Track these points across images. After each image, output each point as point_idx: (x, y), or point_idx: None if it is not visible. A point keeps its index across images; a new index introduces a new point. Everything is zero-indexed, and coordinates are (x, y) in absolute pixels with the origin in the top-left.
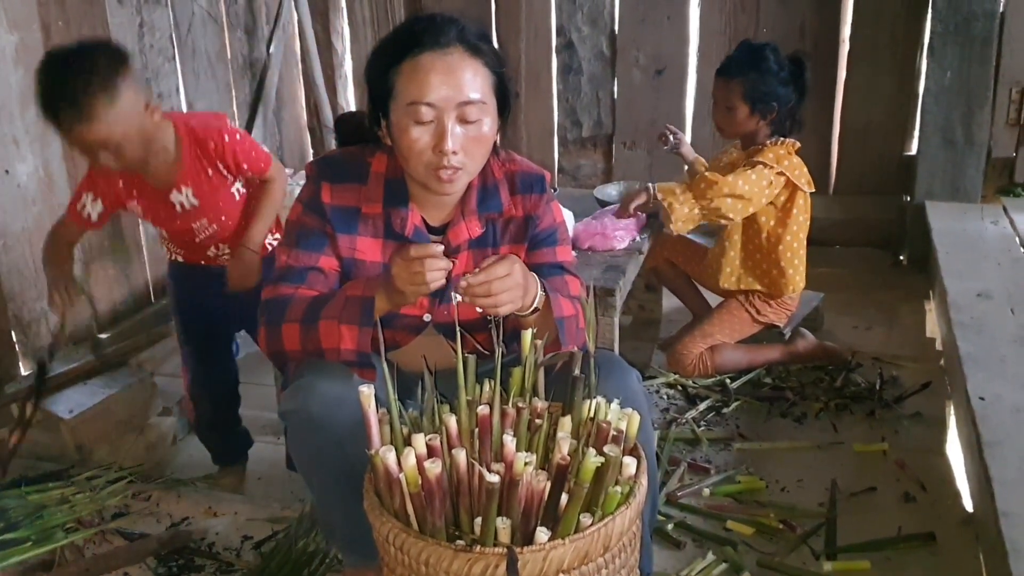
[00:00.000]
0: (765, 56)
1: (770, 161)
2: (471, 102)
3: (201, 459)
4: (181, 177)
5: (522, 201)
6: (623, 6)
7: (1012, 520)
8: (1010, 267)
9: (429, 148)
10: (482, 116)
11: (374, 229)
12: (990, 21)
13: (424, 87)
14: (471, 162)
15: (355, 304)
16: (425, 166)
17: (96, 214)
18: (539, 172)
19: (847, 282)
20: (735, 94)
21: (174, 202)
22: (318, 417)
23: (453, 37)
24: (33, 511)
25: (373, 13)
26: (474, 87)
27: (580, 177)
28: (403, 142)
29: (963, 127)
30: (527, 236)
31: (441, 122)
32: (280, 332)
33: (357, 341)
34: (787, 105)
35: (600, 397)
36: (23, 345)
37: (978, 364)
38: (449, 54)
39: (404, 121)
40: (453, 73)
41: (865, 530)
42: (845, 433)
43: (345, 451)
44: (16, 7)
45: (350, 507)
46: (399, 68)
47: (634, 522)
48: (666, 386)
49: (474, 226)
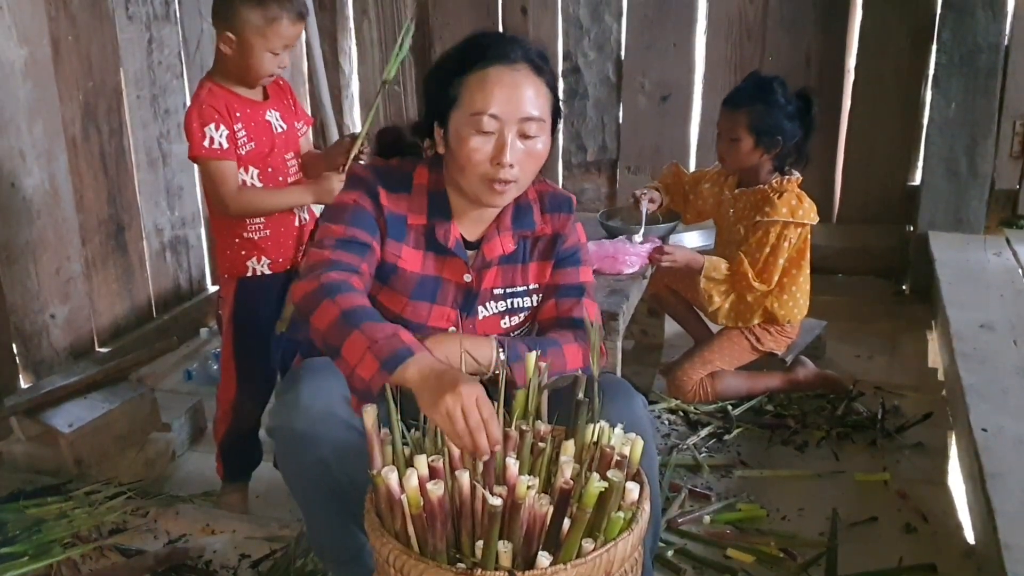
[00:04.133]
0: (773, 89)
1: (784, 216)
2: (532, 118)
3: (200, 476)
4: (271, 101)
5: (551, 220)
6: (630, 32)
7: (1015, 553)
8: (1013, 299)
9: (487, 159)
10: (540, 133)
11: (416, 240)
12: (995, 54)
13: (490, 99)
14: (524, 177)
15: (395, 344)
16: (481, 176)
17: (224, 140)
18: (567, 194)
19: (849, 311)
20: (740, 125)
21: (270, 120)
22: (302, 434)
23: (520, 55)
24: (31, 525)
25: (381, 34)
26: (536, 104)
27: (584, 201)
28: (462, 151)
29: (967, 158)
30: (554, 254)
31: (502, 135)
32: (323, 306)
33: (373, 377)
34: (792, 140)
35: (604, 421)
36: (24, 358)
37: (981, 395)
38: (517, 70)
39: (466, 131)
40: (518, 88)
41: (866, 560)
42: (846, 462)
43: (331, 469)
44: (26, 21)
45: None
46: (466, 79)
47: (636, 548)
48: (667, 412)
49: (508, 242)
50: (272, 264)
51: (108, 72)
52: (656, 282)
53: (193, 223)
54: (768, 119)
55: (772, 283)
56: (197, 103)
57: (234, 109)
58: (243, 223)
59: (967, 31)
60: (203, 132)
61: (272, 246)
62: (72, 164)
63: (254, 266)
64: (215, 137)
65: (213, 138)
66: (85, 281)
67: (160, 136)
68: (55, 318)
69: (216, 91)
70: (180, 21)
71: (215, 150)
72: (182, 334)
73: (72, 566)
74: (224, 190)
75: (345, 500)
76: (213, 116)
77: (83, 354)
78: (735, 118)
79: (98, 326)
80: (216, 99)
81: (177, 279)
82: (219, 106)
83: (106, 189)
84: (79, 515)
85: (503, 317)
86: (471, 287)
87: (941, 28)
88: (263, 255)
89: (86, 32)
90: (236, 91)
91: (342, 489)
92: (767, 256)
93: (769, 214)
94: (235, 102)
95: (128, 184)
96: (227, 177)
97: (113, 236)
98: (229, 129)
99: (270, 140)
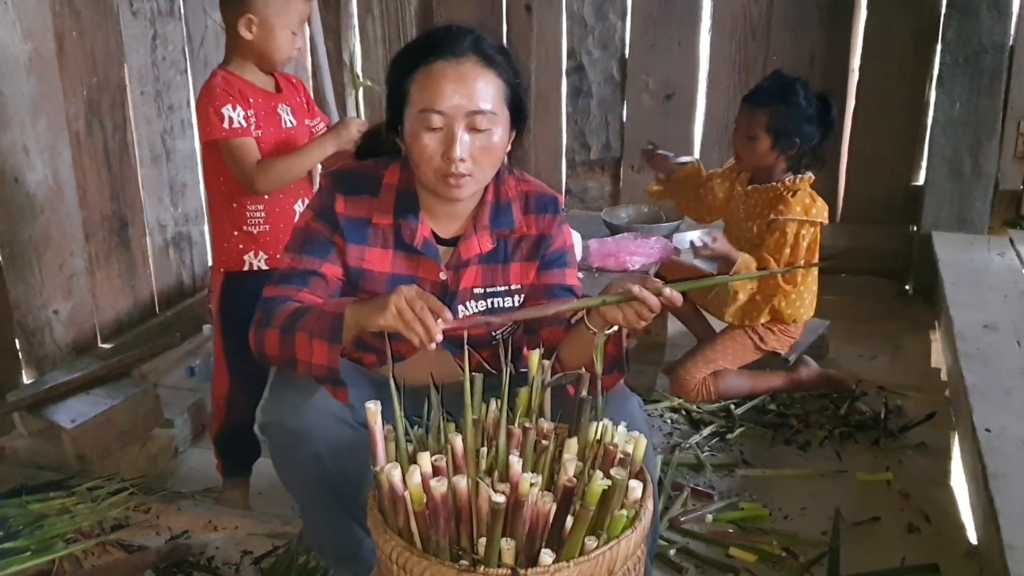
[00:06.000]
0: (795, 90)
1: (798, 215)
2: (481, 112)
3: (202, 472)
4: (283, 95)
5: (536, 220)
6: (634, 31)
7: (1018, 553)
8: (1016, 299)
9: (438, 154)
10: (492, 126)
11: (383, 240)
12: (999, 54)
13: (435, 95)
14: (479, 170)
15: (327, 320)
16: (435, 172)
17: (243, 120)
18: (552, 193)
19: (852, 311)
20: (759, 124)
21: (280, 114)
22: (294, 430)
23: (467, 47)
24: (33, 521)
25: (385, 31)
26: (485, 97)
27: (587, 200)
28: (415, 148)
29: (971, 158)
30: (539, 255)
31: (451, 130)
32: (265, 336)
33: (327, 356)
34: (809, 143)
35: (607, 419)
36: (27, 353)
37: (984, 396)
38: (462, 63)
39: (416, 128)
40: (464, 82)
41: (868, 560)
42: (849, 462)
43: (324, 464)
44: (31, 17)
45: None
46: (413, 75)
47: (639, 546)
48: (670, 410)
49: (485, 241)
50: (270, 259)
51: (112, 68)
52: None
53: (196, 219)
54: (788, 121)
55: (797, 282)
56: (210, 90)
57: (247, 95)
58: (243, 216)
59: (972, 31)
60: (221, 114)
61: (271, 241)
62: (76, 160)
63: (251, 260)
64: (233, 117)
65: (232, 118)
66: (88, 277)
67: (164, 132)
68: (58, 314)
69: (230, 79)
70: (184, 17)
71: (236, 129)
72: (184, 330)
73: (74, 561)
74: (248, 166)
75: (340, 495)
76: (228, 99)
77: (86, 350)
78: (755, 116)
79: (101, 322)
80: (230, 85)
81: (180, 275)
82: (233, 91)
83: (109, 185)
84: (81, 511)
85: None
86: (446, 285)
87: (946, 28)
88: (261, 250)
89: (90, 28)
90: (250, 80)
91: (336, 484)
92: (788, 256)
93: (783, 212)
94: (248, 89)
95: (131, 180)
96: (251, 153)
97: (116, 232)
98: (245, 111)
99: (278, 132)
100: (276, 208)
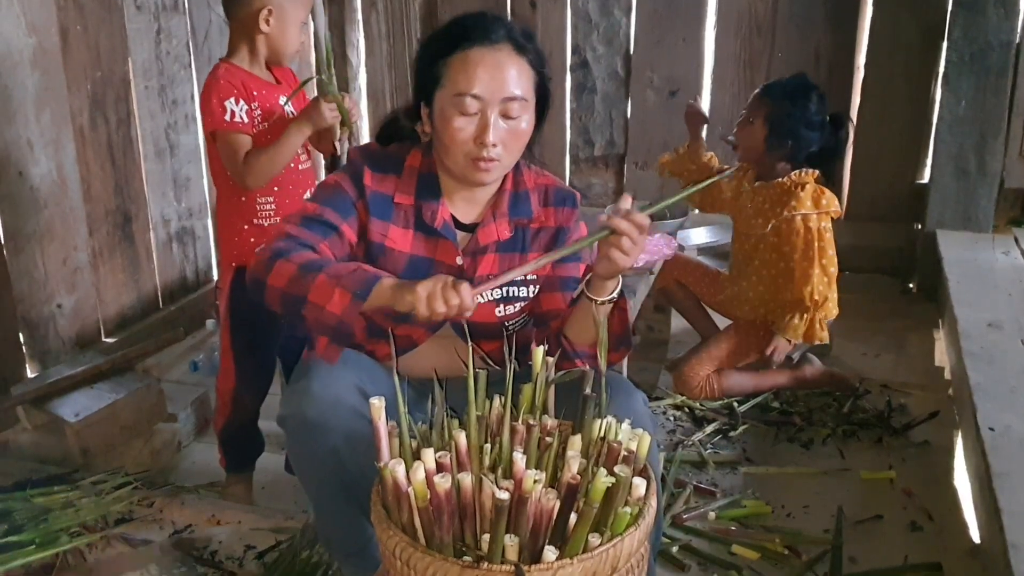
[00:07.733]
0: (808, 95)
1: (809, 209)
2: (515, 98)
3: (205, 466)
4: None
5: (555, 213)
6: (639, 27)
7: (1021, 552)
8: (1021, 298)
9: (471, 139)
10: (523, 113)
11: (405, 220)
12: (1006, 52)
13: (472, 79)
14: (507, 156)
15: (360, 275)
16: (465, 155)
17: (244, 115)
18: (571, 190)
19: (856, 309)
20: (761, 111)
21: (282, 105)
22: (313, 421)
23: (503, 34)
24: (38, 514)
25: (389, 27)
26: (518, 84)
27: (591, 196)
28: (446, 131)
29: (976, 157)
30: (556, 247)
31: (484, 115)
32: (276, 265)
33: (344, 308)
34: (805, 148)
35: (611, 416)
36: (30, 347)
37: (988, 394)
38: (498, 50)
39: (449, 111)
40: (500, 68)
41: (871, 558)
42: (852, 460)
43: (341, 458)
44: (35, 10)
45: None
46: (449, 60)
47: (643, 543)
48: (673, 408)
49: (503, 228)
50: None
51: (116, 62)
52: (664, 276)
53: (200, 214)
54: (788, 120)
55: (831, 273)
56: (214, 81)
57: (250, 88)
58: (254, 209)
59: (978, 29)
60: (223, 106)
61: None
62: (79, 154)
63: None
64: (235, 111)
65: (234, 111)
66: (92, 271)
67: (168, 126)
68: (62, 308)
69: (233, 71)
70: (188, 11)
71: (236, 123)
72: (188, 325)
73: (78, 555)
74: (238, 162)
75: (355, 490)
76: (232, 91)
77: (89, 344)
78: (761, 104)
79: (104, 316)
80: (234, 77)
81: (184, 270)
82: (237, 84)
83: (113, 179)
84: (85, 504)
85: (498, 305)
86: (463, 270)
87: (952, 26)
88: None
89: (94, 22)
90: (252, 72)
91: (352, 479)
92: (818, 247)
93: (795, 207)
94: (251, 82)
95: (135, 174)
96: (243, 149)
97: (120, 226)
98: (248, 105)
99: (282, 123)
100: (286, 200)
